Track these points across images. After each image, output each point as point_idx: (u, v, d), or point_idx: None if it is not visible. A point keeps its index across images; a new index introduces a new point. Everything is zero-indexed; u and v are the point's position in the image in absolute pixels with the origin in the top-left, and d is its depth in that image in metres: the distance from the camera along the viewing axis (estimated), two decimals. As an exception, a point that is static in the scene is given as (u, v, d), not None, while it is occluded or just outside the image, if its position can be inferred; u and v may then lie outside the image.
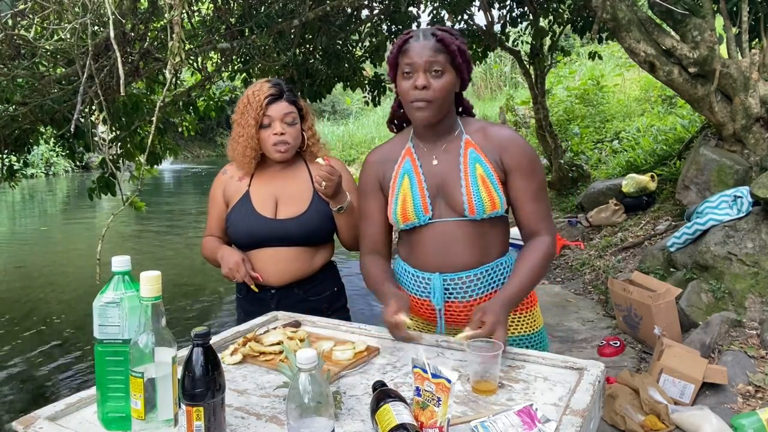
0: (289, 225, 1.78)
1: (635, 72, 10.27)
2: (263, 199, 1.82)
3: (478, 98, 15.90)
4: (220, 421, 0.95)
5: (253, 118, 1.75)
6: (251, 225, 1.79)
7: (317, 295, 1.86)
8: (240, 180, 1.87)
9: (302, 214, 1.79)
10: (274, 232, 1.78)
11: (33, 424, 1.05)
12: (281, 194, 1.82)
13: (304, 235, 1.78)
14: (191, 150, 25.08)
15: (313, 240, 1.81)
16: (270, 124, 1.77)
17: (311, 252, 1.82)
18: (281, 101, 1.77)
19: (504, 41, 7.10)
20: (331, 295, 1.90)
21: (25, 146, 4.94)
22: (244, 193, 1.84)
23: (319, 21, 5.08)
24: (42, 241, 9.02)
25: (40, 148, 14.88)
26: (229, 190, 1.88)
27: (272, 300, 1.81)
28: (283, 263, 1.78)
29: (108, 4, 2.38)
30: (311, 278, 1.84)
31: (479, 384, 1.17)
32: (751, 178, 3.87)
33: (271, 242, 1.78)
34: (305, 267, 1.81)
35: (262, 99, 1.75)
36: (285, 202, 1.81)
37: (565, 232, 5.88)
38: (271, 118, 1.76)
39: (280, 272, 1.78)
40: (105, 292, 1.04)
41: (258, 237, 1.79)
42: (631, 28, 3.99)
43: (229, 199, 1.87)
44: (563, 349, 3.53)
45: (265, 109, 1.75)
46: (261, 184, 1.85)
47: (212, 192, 1.92)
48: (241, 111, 1.79)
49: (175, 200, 13.67)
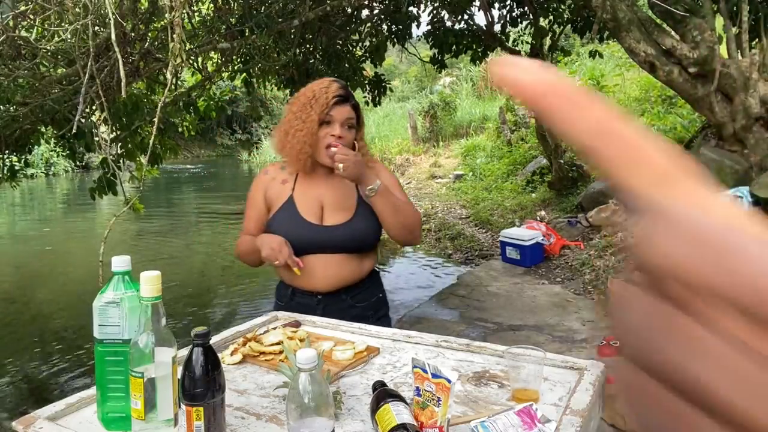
0: (337, 232, 1.74)
1: (635, 72, 10.26)
2: (308, 204, 1.77)
3: (478, 98, 15.90)
4: (220, 421, 0.95)
5: (317, 113, 1.69)
6: (298, 231, 1.73)
7: (364, 302, 1.81)
8: (283, 183, 1.81)
9: (349, 220, 1.75)
10: (322, 238, 1.73)
11: (33, 424, 1.05)
12: (326, 200, 1.78)
13: (352, 241, 1.75)
14: (191, 150, 25.08)
15: (360, 246, 1.77)
16: (330, 123, 1.71)
17: (358, 258, 1.78)
18: (346, 104, 1.73)
19: (504, 41, 7.10)
20: (376, 302, 1.86)
21: (26, 146, 4.95)
22: (288, 198, 1.78)
23: (319, 21, 5.08)
24: (42, 241, 9.02)
25: (40, 148, 14.87)
26: (272, 193, 1.81)
27: (318, 306, 1.75)
28: (330, 269, 1.74)
29: (109, 5, 2.38)
30: (358, 285, 1.80)
31: (520, 393, 1.14)
32: (751, 178, 3.87)
33: (317, 249, 1.73)
34: (354, 273, 1.78)
35: (330, 97, 1.70)
36: (331, 208, 1.77)
37: (565, 232, 5.88)
38: (332, 118, 1.71)
39: (328, 278, 1.73)
40: (105, 292, 1.04)
41: (305, 243, 1.73)
42: (631, 28, 3.99)
43: (272, 202, 1.81)
44: (563, 349, 3.53)
45: (330, 108, 1.70)
46: (305, 188, 1.79)
47: (252, 193, 1.85)
48: (303, 104, 1.72)
49: (175, 200, 13.67)
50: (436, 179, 11.47)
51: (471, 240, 6.83)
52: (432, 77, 20.19)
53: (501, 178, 9.53)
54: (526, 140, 10.46)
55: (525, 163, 9.48)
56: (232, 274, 6.69)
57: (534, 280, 5.10)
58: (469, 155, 11.84)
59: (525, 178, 8.61)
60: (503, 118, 11.40)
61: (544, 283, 4.98)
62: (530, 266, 5.41)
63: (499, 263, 5.64)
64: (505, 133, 11.26)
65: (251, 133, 25.73)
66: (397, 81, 22.72)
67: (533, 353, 1.16)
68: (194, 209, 12.19)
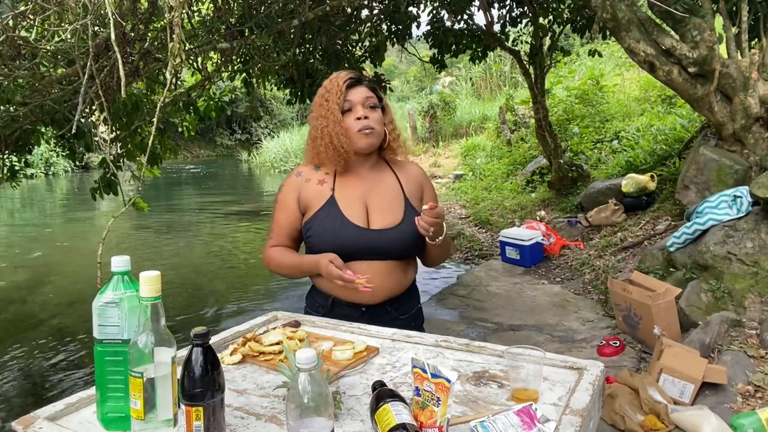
0: (386, 236, 1.60)
1: (635, 72, 10.27)
2: (352, 205, 1.62)
3: (478, 98, 15.91)
4: (219, 421, 0.95)
5: (336, 103, 1.60)
6: (345, 234, 1.58)
7: (406, 313, 1.70)
8: (320, 183, 1.66)
9: (399, 224, 1.62)
10: (371, 243, 1.59)
11: (33, 424, 1.05)
12: (371, 201, 1.64)
13: (403, 247, 1.62)
14: (191, 150, 25.09)
15: (408, 253, 1.65)
16: (351, 109, 1.62)
17: (404, 266, 1.66)
18: (360, 86, 1.65)
19: (504, 41, 7.10)
20: (417, 312, 1.76)
21: (26, 146, 4.95)
22: (329, 199, 1.63)
23: (319, 21, 5.08)
24: (41, 241, 9.02)
25: (40, 148, 14.88)
26: (307, 195, 1.65)
27: (362, 319, 1.59)
28: (378, 278, 1.58)
29: (108, 5, 2.38)
30: (403, 295, 1.68)
31: (520, 392, 1.14)
32: (750, 177, 3.88)
33: (364, 254, 1.59)
34: (401, 282, 1.65)
35: (341, 83, 1.62)
36: (377, 210, 1.63)
37: (564, 232, 5.88)
38: (351, 103, 1.62)
39: (375, 288, 1.55)
40: (104, 292, 1.04)
41: (352, 248, 1.58)
42: (631, 28, 3.99)
43: (308, 205, 1.65)
44: (563, 349, 3.53)
45: (345, 93, 1.62)
46: (346, 188, 1.65)
47: (283, 196, 1.69)
48: (319, 103, 1.64)
49: (175, 200, 13.67)
50: (436, 179, 11.47)
51: (471, 240, 6.83)
52: (432, 77, 20.21)
53: (501, 178, 9.54)
54: (526, 140, 10.46)
55: (525, 163, 9.49)
56: (232, 274, 6.70)
57: (534, 280, 5.10)
58: (468, 155, 11.85)
59: (525, 178, 8.61)
60: (503, 118, 11.40)
61: (544, 283, 4.98)
62: (530, 266, 5.41)
63: (498, 263, 5.64)
64: (505, 133, 11.26)
65: (251, 133, 25.74)
66: (396, 81, 22.74)
67: (533, 353, 1.16)
68: (194, 209, 12.19)
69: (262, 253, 1.75)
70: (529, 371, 1.13)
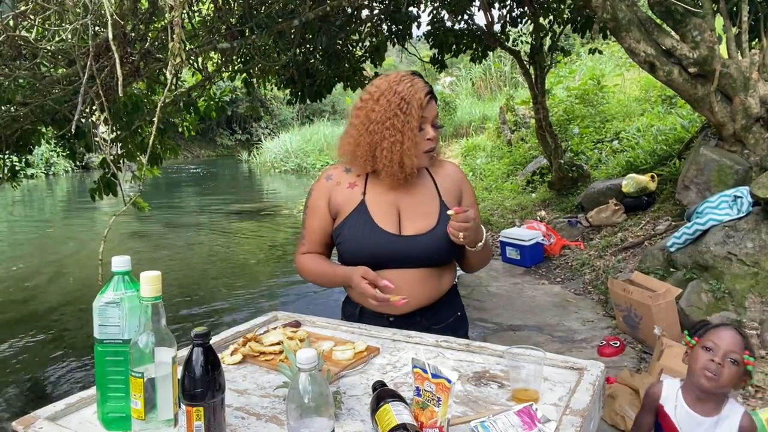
0: (419, 242, 1.52)
1: (635, 72, 10.27)
2: (383, 210, 1.54)
3: (478, 98, 15.91)
4: (220, 421, 0.95)
5: (417, 119, 1.47)
6: (374, 241, 1.51)
7: (441, 323, 1.60)
8: (351, 187, 1.58)
9: (432, 229, 1.53)
10: (402, 250, 1.51)
11: (33, 424, 1.05)
12: (404, 206, 1.56)
13: (436, 253, 1.53)
14: (191, 150, 25.09)
15: (444, 259, 1.57)
16: (423, 127, 1.50)
17: (438, 273, 1.57)
18: (433, 100, 1.52)
19: (504, 41, 7.10)
20: (455, 322, 1.65)
21: (26, 146, 4.95)
22: (359, 203, 1.55)
23: (319, 21, 5.08)
24: (41, 241, 9.02)
25: (41, 148, 14.88)
26: (338, 199, 1.58)
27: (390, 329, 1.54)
28: (408, 287, 1.50)
29: (107, 6, 2.38)
30: (436, 304, 1.59)
31: (520, 393, 1.13)
32: (751, 178, 3.87)
33: (395, 262, 1.52)
34: (433, 291, 1.57)
35: (423, 98, 1.48)
36: (409, 215, 1.55)
37: (565, 232, 5.88)
38: (425, 120, 1.50)
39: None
40: (105, 292, 1.04)
41: (382, 256, 1.51)
42: (631, 28, 3.99)
43: (339, 209, 1.58)
44: (563, 349, 3.53)
45: (424, 110, 1.49)
46: (378, 192, 1.57)
47: (313, 200, 1.61)
48: (394, 111, 1.47)
49: (175, 200, 13.67)
50: (436, 179, 11.45)
51: (471, 240, 6.82)
52: (432, 77, 20.19)
53: (501, 178, 9.53)
54: (526, 140, 10.46)
55: (525, 163, 9.49)
56: (232, 274, 6.70)
57: (534, 280, 5.10)
58: (469, 155, 11.84)
59: (525, 178, 8.61)
60: (503, 118, 11.40)
61: (544, 283, 4.98)
62: (530, 266, 5.41)
63: (499, 263, 5.64)
64: (505, 133, 11.26)
65: (251, 134, 25.73)
66: (397, 81, 22.64)
67: (533, 353, 1.16)
68: (194, 209, 12.19)
69: (293, 259, 1.70)
70: (529, 371, 1.13)
